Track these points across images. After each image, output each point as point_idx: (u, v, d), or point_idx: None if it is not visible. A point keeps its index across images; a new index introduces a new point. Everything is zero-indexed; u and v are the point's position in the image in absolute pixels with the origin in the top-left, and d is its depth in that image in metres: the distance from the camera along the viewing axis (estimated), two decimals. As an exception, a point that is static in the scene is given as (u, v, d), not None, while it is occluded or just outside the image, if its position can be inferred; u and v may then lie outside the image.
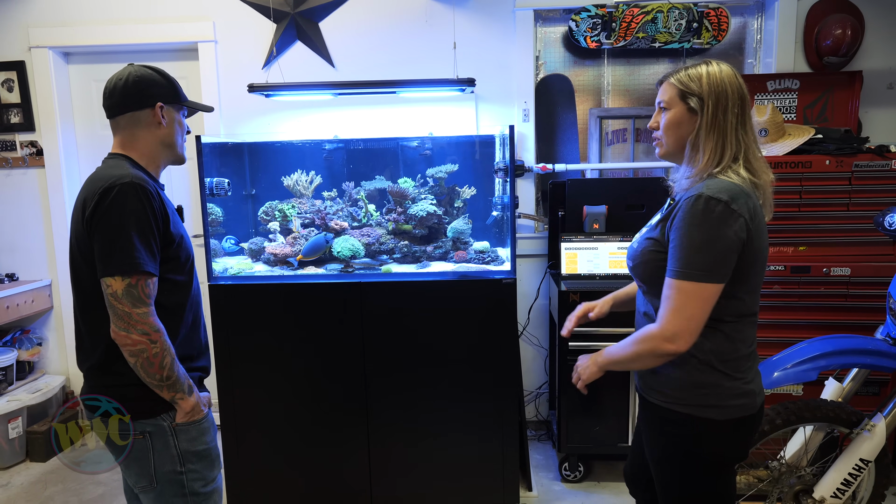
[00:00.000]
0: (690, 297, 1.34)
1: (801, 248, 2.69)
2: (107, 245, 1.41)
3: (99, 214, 1.41)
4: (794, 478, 2.18)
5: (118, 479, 3.02)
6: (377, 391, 2.60)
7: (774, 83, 3.10)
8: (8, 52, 3.38)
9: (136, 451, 1.52)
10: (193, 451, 1.56)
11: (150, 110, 1.56)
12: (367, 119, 3.29)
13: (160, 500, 1.55)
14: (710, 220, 1.31)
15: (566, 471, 2.88)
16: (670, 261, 1.37)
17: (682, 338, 1.35)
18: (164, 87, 1.59)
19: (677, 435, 1.45)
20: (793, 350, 2.24)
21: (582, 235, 2.87)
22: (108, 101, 1.57)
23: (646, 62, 3.36)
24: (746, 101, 1.42)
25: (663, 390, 1.46)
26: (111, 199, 1.41)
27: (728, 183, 1.35)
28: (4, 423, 3.13)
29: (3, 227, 3.55)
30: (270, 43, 3.26)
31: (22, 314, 3.37)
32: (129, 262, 1.40)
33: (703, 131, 1.40)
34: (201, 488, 1.58)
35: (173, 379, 1.48)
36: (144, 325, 1.42)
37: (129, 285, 1.40)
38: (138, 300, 1.41)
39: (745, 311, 1.42)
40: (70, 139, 3.51)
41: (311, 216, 2.85)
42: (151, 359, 1.43)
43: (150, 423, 1.51)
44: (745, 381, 1.42)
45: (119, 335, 1.42)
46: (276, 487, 2.70)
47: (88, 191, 1.46)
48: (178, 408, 1.52)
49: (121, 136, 1.58)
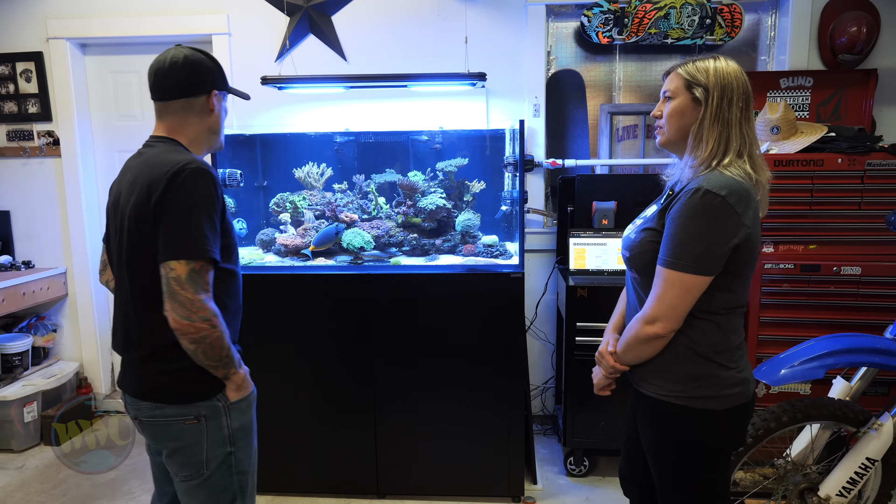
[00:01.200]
0: (675, 286, 1.37)
1: (811, 247, 2.67)
2: (175, 228, 1.37)
3: (168, 197, 1.38)
4: (799, 476, 2.18)
5: (129, 464, 3.07)
6: (384, 382, 2.62)
7: (787, 80, 3.07)
8: (26, 42, 3.43)
9: (188, 437, 1.49)
10: (241, 427, 1.54)
11: (205, 97, 1.54)
12: (378, 112, 3.31)
13: (207, 483, 1.51)
14: (705, 214, 1.33)
15: (571, 465, 2.89)
16: (662, 249, 1.40)
17: (662, 321, 1.40)
18: (216, 73, 1.57)
19: (677, 427, 1.47)
20: (801, 348, 2.23)
21: (591, 231, 2.87)
22: (160, 82, 1.52)
23: (658, 58, 3.35)
24: (750, 97, 1.43)
25: (659, 383, 1.48)
26: (181, 182, 1.38)
27: (729, 178, 1.35)
28: (20, 408, 3.19)
29: (20, 215, 3.61)
30: (283, 36, 3.28)
31: (37, 301, 3.43)
32: (197, 247, 1.37)
33: (707, 121, 1.41)
34: (246, 467, 1.57)
35: (229, 356, 1.46)
36: (205, 312, 1.38)
37: (193, 270, 1.37)
38: (200, 287, 1.38)
39: (736, 304, 1.45)
40: (86, 129, 3.56)
41: (321, 208, 2.88)
42: (213, 343, 1.41)
43: (205, 405, 1.48)
44: (738, 369, 1.46)
45: (181, 323, 1.37)
46: (284, 471, 2.73)
47: (153, 174, 1.41)
48: (230, 382, 1.50)
49: (170, 120, 1.54)
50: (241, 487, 1.57)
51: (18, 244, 3.63)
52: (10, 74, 3.46)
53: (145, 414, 1.50)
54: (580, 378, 2.75)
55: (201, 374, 1.47)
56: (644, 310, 1.44)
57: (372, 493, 2.73)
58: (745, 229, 1.35)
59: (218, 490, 1.53)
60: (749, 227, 1.35)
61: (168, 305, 1.37)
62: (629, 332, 1.49)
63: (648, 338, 1.43)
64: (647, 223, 1.49)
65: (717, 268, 1.36)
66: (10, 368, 3.32)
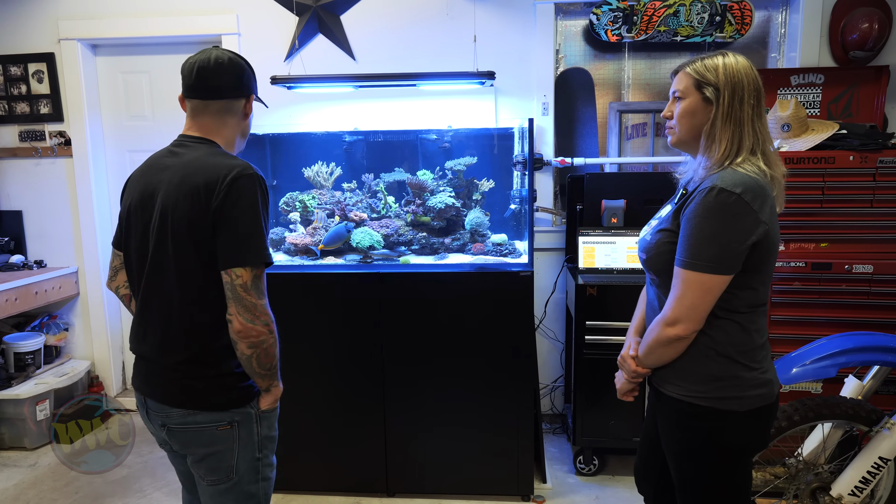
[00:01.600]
0: (694, 286, 1.36)
1: (822, 245, 2.66)
2: (240, 236, 1.38)
3: (230, 203, 1.38)
4: (811, 475, 2.17)
5: (141, 462, 3.09)
6: (394, 380, 2.63)
7: (798, 78, 3.06)
8: (38, 44, 3.45)
9: (220, 443, 1.48)
10: (269, 436, 1.57)
11: (245, 101, 1.55)
12: (386, 111, 3.31)
13: (235, 489, 1.52)
14: (721, 213, 1.32)
15: (581, 464, 2.89)
16: (679, 250, 1.39)
17: (682, 323, 1.38)
18: (254, 78, 1.58)
19: (699, 428, 1.45)
20: (812, 346, 2.22)
21: (600, 230, 2.86)
22: (204, 81, 1.49)
23: (667, 56, 3.33)
24: (762, 93, 1.41)
25: (682, 384, 1.46)
26: (242, 189, 1.39)
27: (744, 175, 1.34)
28: (33, 406, 3.22)
29: (32, 214, 3.64)
30: (293, 35, 3.29)
31: (49, 300, 3.46)
32: (261, 254, 1.39)
33: (718, 121, 1.40)
34: (270, 473, 1.59)
35: (276, 367, 1.49)
36: (266, 317, 1.42)
37: (256, 276, 1.39)
38: (262, 292, 1.41)
39: (758, 302, 1.43)
40: (97, 129, 3.58)
41: (330, 207, 2.89)
42: (269, 349, 1.43)
43: (239, 411, 1.49)
44: (762, 370, 1.43)
45: (246, 327, 1.39)
46: (294, 470, 2.74)
47: (207, 178, 1.40)
48: (269, 395, 1.53)
49: (207, 121, 1.52)
50: (265, 494, 1.58)
51: (31, 244, 3.66)
52: (22, 75, 3.49)
53: (175, 421, 1.47)
54: (590, 377, 2.75)
55: (238, 380, 1.47)
56: (664, 312, 1.42)
57: (382, 492, 2.73)
58: (763, 226, 1.33)
59: (244, 496, 1.53)
60: (766, 223, 1.34)
61: (233, 310, 1.39)
62: (650, 335, 1.48)
63: (670, 340, 1.42)
64: (662, 224, 1.48)
65: (735, 266, 1.35)
66: (23, 367, 3.35)
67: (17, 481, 2.95)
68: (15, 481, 2.94)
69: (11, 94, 3.52)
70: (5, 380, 3.24)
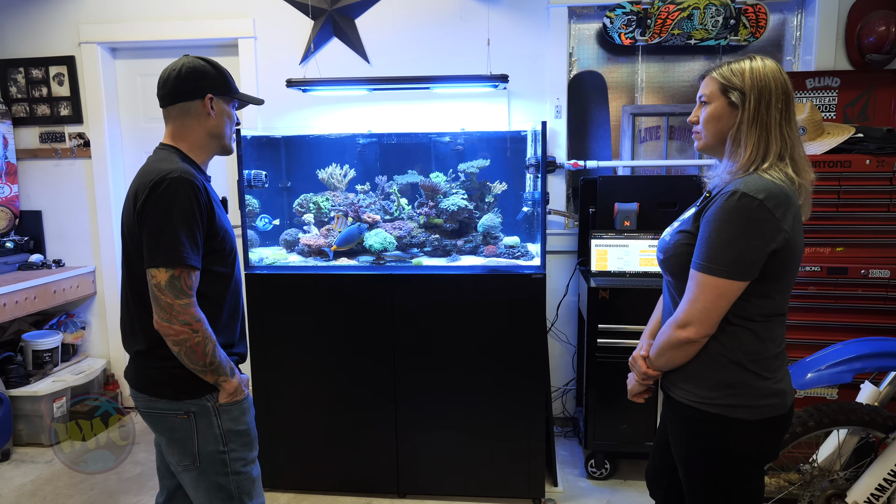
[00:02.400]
0: (708, 290, 1.34)
1: (838, 249, 2.63)
2: (154, 237, 1.45)
3: (149, 207, 1.45)
4: (826, 482, 2.14)
5: (154, 460, 3.12)
6: (405, 381, 2.64)
7: (814, 81, 3.04)
8: (59, 47, 3.52)
9: (180, 430, 1.56)
10: (235, 430, 1.60)
11: (200, 101, 1.59)
12: (400, 114, 3.33)
13: (203, 478, 1.59)
14: (741, 218, 1.30)
15: (592, 468, 2.88)
16: (696, 253, 1.38)
17: (694, 326, 1.37)
18: (215, 78, 1.62)
19: (706, 435, 1.44)
20: (828, 351, 2.20)
21: (612, 233, 2.86)
22: (161, 90, 1.60)
23: (681, 59, 3.33)
24: (791, 97, 1.39)
25: (691, 389, 1.45)
26: (160, 193, 1.45)
27: (768, 182, 1.32)
28: (50, 403, 3.26)
29: (51, 214, 3.70)
30: (308, 39, 3.32)
31: (67, 299, 3.51)
32: (174, 255, 1.44)
33: (744, 126, 1.38)
34: (242, 468, 1.62)
35: (216, 364, 1.53)
36: (186, 316, 1.46)
37: (173, 277, 1.44)
38: (181, 292, 1.45)
39: (775, 311, 1.41)
40: (115, 131, 3.64)
41: (344, 209, 2.91)
42: (194, 347, 1.48)
43: (194, 403, 1.55)
44: (775, 380, 1.41)
45: (162, 325, 1.46)
46: (305, 470, 2.76)
47: (140, 183, 1.50)
48: (222, 390, 1.57)
49: (171, 126, 1.62)
50: (240, 488, 1.61)
51: (49, 243, 3.72)
52: (43, 78, 3.55)
53: (142, 405, 1.60)
54: (602, 380, 2.74)
55: (191, 373, 1.53)
56: (676, 314, 1.41)
57: (392, 493, 2.74)
58: (784, 234, 1.31)
59: (214, 487, 1.59)
60: (788, 231, 1.32)
61: (154, 308, 1.47)
62: (661, 337, 1.47)
63: (680, 342, 1.41)
64: (682, 226, 1.47)
65: (752, 273, 1.33)
66: (41, 364, 3.40)
67: (35, 477, 2.99)
68: (32, 477, 2.99)
69: (33, 97, 3.58)
70: (24, 377, 3.29)
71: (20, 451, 3.25)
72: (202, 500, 1.61)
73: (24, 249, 3.60)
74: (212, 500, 1.60)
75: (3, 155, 3.56)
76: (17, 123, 3.61)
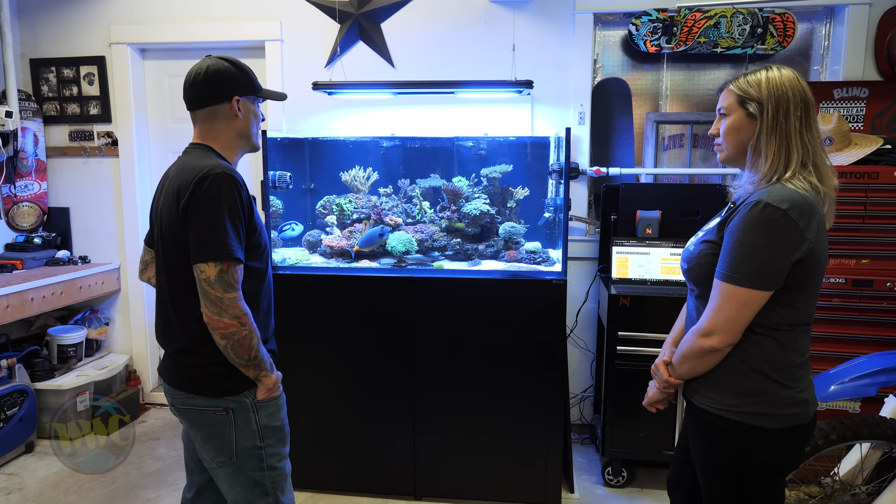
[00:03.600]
0: (732, 300, 1.35)
1: (863, 262, 2.61)
2: (202, 232, 1.46)
3: (195, 203, 1.47)
4: (847, 496, 2.12)
5: (175, 455, 3.17)
6: (424, 383, 2.65)
7: (841, 91, 3.01)
8: (90, 47, 3.59)
9: (218, 427, 1.58)
10: (271, 426, 1.63)
11: (227, 104, 1.61)
12: (424, 118, 3.35)
13: (239, 474, 1.60)
14: (765, 228, 1.31)
15: (609, 475, 2.87)
16: (720, 262, 1.38)
17: (718, 335, 1.38)
18: (239, 79, 1.64)
19: (727, 442, 1.44)
20: (852, 364, 2.18)
21: (634, 240, 2.85)
22: (188, 94, 1.63)
23: (706, 67, 3.31)
24: (810, 104, 1.39)
25: (713, 396, 1.45)
26: (206, 188, 1.47)
27: (791, 191, 1.33)
28: (74, 397, 3.32)
29: (78, 212, 3.77)
30: (334, 42, 3.36)
31: (93, 295, 3.57)
32: (223, 250, 1.46)
33: (763, 136, 1.39)
34: (277, 463, 1.64)
35: (259, 359, 1.55)
36: (235, 310, 1.48)
37: (221, 271, 1.46)
38: (229, 286, 1.47)
39: (800, 320, 1.40)
40: (143, 131, 3.70)
41: (366, 211, 2.93)
42: (241, 340, 1.50)
43: (233, 399, 1.57)
44: (798, 389, 1.41)
45: (212, 319, 1.47)
46: (322, 469, 2.78)
47: (182, 180, 1.51)
48: (261, 384, 1.59)
49: (200, 128, 1.64)
50: (274, 483, 1.64)
51: (76, 240, 3.79)
52: (74, 77, 3.63)
53: (180, 401, 1.61)
54: (621, 388, 2.73)
55: (231, 370, 1.55)
56: (700, 322, 1.42)
57: (409, 495, 2.75)
58: (808, 244, 1.31)
59: (250, 483, 1.61)
60: (812, 241, 1.32)
61: (202, 303, 1.48)
62: (684, 345, 1.48)
63: (704, 351, 1.41)
64: (706, 236, 1.48)
65: (776, 283, 1.34)
66: (66, 359, 3.46)
67: (58, 469, 3.04)
68: (55, 469, 3.04)
69: (63, 96, 3.65)
70: (49, 370, 3.35)
71: (44, 443, 3.31)
72: (237, 496, 1.62)
73: (52, 245, 3.67)
74: (247, 495, 1.62)
75: (33, 152, 3.63)
76: (47, 122, 3.69)
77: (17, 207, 3.64)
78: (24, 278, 3.16)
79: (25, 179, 3.62)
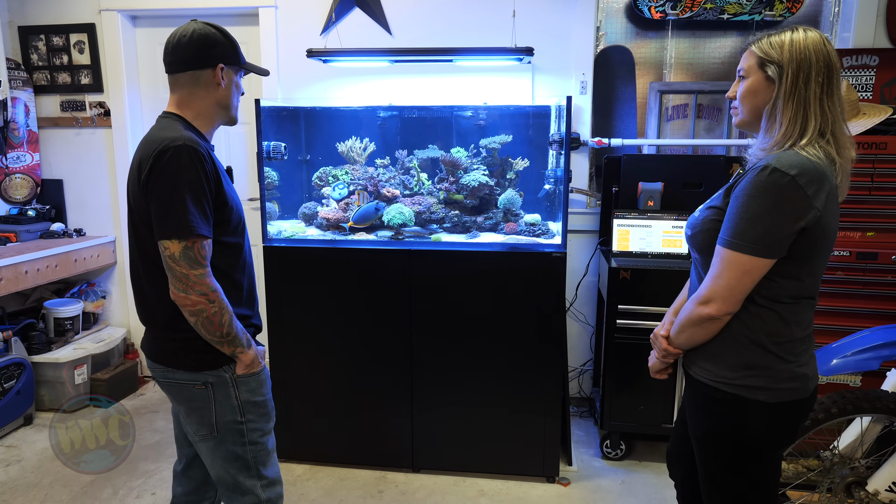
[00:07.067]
0: (733, 267, 1.31)
1: (869, 234, 2.56)
2: (162, 208, 1.42)
3: (154, 177, 1.43)
4: (846, 469, 2.12)
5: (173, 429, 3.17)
6: (422, 357, 2.63)
7: (851, 59, 2.93)
8: (80, 14, 3.50)
9: (198, 400, 1.57)
10: (252, 401, 1.61)
11: (211, 71, 1.55)
12: (421, 88, 3.28)
13: (220, 447, 1.60)
14: (771, 193, 1.26)
15: (607, 448, 2.87)
16: (723, 228, 1.34)
17: (716, 302, 1.34)
18: (226, 47, 1.58)
19: (723, 415, 1.42)
20: (854, 338, 2.15)
21: (635, 213, 2.81)
22: (169, 56, 1.56)
23: (712, 35, 3.22)
24: (834, 70, 1.32)
25: (710, 368, 1.43)
26: (165, 162, 1.42)
27: (802, 158, 1.27)
28: (71, 370, 3.31)
29: (72, 183, 3.71)
30: (329, 9, 3.27)
31: (88, 268, 3.54)
32: (185, 226, 1.41)
33: (780, 101, 1.32)
34: (259, 438, 1.63)
35: (232, 335, 1.52)
36: (202, 286, 1.44)
37: (186, 248, 1.42)
38: (195, 262, 1.43)
39: (803, 294, 1.36)
40: (135, 100, 3.63)
41: (363, 183, 2.88)
42: (211, 317, 1.47)
43: (212, 374, 1.56)
44: (798, 364, 1.38)
45: (178, 296, 1.45)
46: (320, 442, 2.78)
47: (144, 152, 1.47)
48: (239, 361, 1.57)
49: (178, 94, 1.58)
50: (256, 458, 1.63)
51: (70, 212, 3.74)
52: (63, 45, 3.54)
53: (160, 375, 1.61)
54: (620, 361, 2.71)
55: (208, 345, 1.52)
56: (700, 290, 1.39)
57: (407, 467, 2.76)
58: (815, 212, 1.26)
59: (231, 457, 1.61)
60: (819, 210, 1.26)
61: (169, 280, 1.46)
62: (683, 314, 1.45)
63: (702, 319, 1.38)
64: (713, 201, 1.43)
65: (778, 251, 1.29)
66: (62, 332, 3.45)
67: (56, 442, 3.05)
68: (54, 442, 3.05)
69: (53, 65, 3.57)
70: (46, 343, 3.34)
71: (42, 416, 3.31)
72: (219, 469, 1.62)
73: (46, 218, 3.63)
74: (228, 469, 1.61)
75: (24, 123, 3.57)
76: (38, 91, 3.61)
77: (9, 179, 3.59)
78: (18, 251, 3.12)
79: (17, 151, 3.56)
